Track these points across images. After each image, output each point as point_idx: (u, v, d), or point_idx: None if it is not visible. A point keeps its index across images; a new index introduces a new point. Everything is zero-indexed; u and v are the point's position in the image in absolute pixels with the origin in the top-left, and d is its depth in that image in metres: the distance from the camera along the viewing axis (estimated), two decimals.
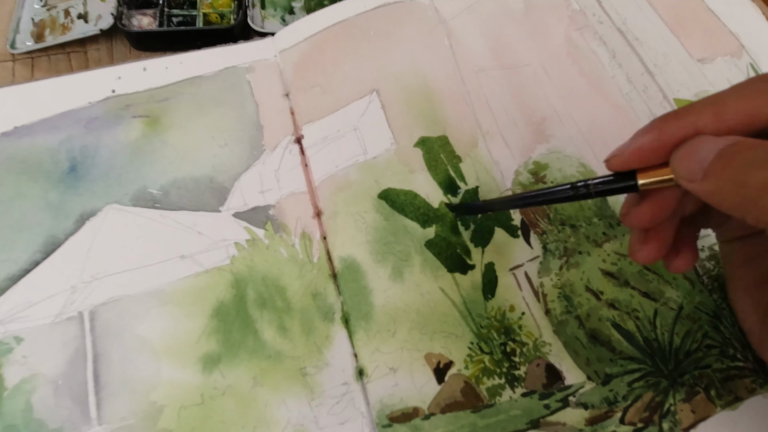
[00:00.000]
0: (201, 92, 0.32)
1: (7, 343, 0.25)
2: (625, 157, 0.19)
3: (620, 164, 0.19)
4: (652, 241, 0.21)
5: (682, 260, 0.21)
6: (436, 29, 0.34)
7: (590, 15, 0.36)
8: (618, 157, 0.19)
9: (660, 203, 0.20)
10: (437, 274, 0.27)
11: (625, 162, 0.19)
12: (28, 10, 0.35)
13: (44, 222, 0.28)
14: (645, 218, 0.20)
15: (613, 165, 0.20)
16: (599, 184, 0.20)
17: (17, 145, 0.30)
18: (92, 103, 0.31)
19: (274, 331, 0.26)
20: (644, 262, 0.21)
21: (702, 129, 0.18)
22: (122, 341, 0.25)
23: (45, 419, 0.24)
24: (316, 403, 0.25)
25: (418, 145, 0.30)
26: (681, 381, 0.25)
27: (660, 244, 0.21)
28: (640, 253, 0.21)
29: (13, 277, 0.26)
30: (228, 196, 0.29)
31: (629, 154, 0.19)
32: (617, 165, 0.20)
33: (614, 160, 0.20)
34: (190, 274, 0.27)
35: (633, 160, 0.19)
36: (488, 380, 0.25)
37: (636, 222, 0.20)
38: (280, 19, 0.38)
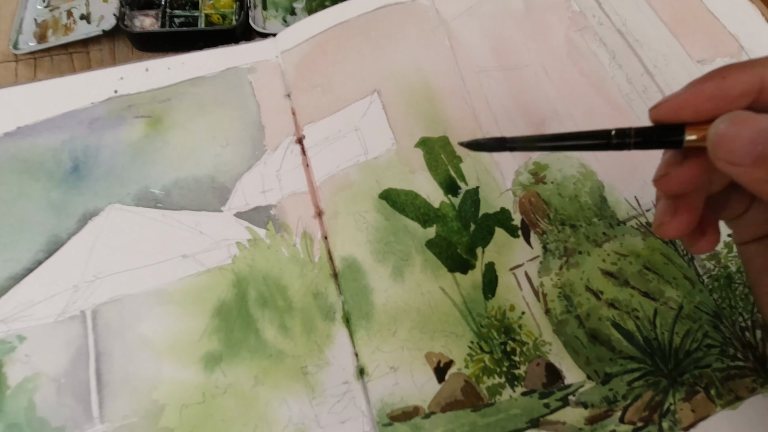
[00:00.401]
0: (203, 92, 0.33)
1: (9, 342, 0.25)
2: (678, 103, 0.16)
3: (669, 112, 0.17)
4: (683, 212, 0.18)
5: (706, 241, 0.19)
6: (437, 30, 0.35)
7: (590, 16, 0.37)
8: (668, 103, 0.17)
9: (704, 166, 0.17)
10: (438, 273, 0.27)
11: (677, 109, 0.16)
12: (31, 10, 0.36)
13: (47, 221, 0.28)
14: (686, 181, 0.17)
15: (661, 113, 0.17)
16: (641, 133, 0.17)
17: (20, 144, 0.30)
18: (95, 104, 0.32)
19: (276, 330, 0.26)
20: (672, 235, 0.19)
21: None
22: (124, 340, 0.26)
23: (47, 417, 0.24)
24: (317, 402, 0.25)
25: (418, 145, 0.31)
26: (681, 380, 0.25)
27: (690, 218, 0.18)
28: (669, 225, 0.19)
29: (15, 277, 0.27)
30: (229, 195, 0.30)
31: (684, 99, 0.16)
32: (665, 113, 0.17)
33: (663, 107, 0.17)
34: (192, 274, 0.27)
35: (687, 107, 0.16)
36: (488, 379, 0.25)
37: (675, 185, 0.18)
38: (281, 19, 0.38)
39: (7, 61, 0.34)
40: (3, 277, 0.26)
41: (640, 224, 0.29)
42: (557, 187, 0.30)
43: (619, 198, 0.30)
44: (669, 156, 0.19)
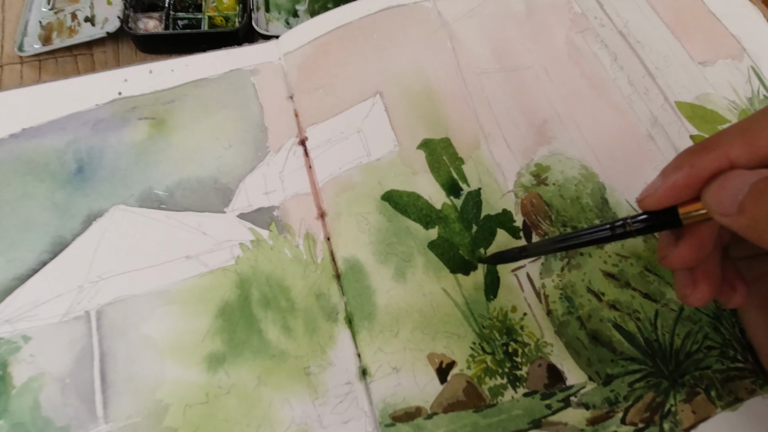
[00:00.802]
0: (206, 94, 0.33)
1: (15, 342, 0.25)
2: (660, 196, 0.19)
3: (655, 203, 0.19)
4: (702, 281, 0.20)
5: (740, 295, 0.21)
6: (439, 32, 0.35)
7: (592, 18, 0.37)
8: (652, 197, 0.19)
9: (699, 239, 0.19)
10: (440, 274, 0.27)
11: (661, 200, 0.19)
12: (36, 13, 0.36)
13: (51, 222, 0.28)
14: (687, 257, 0.19)
15: (648, 204, 0.19)
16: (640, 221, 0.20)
17: (25, 146, 0.30)
18: (99, 105, 0.32)
19: (278, 330, 0.26)
20: (699, 305, 0.20)
21: (735, 160, 0.17)
22: (128, 340, 0.26)
23: (52, 417, 0.24)
24: (320, 403, 0.25)
25: (421, 147, 0.31)
26: (681, 382, 0.25)
27: (710, 282, 0.20)
28: (693, 296, 0.20)
29: (20, 277, 0.27)
30: (232, 197, 0.30)
31: (663, 192, 0.18)
32: (652, 204, 0.19)
33: (648, 201, 0.19)
34: (195, 275, 0.27)
35: (668, 198, 0.18)
36: (490, 380, 0.25)
37: (679, 263, 0.19)
38: (284, 22, 0.38)
39: (12, 63, 0.35)
40: (8, 277, 0.27)
41: None
42: (559, 189, 0.30)
43: (620, 200, 0.30)
44: (663, 236, 0.21)
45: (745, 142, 0.17)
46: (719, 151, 0.17)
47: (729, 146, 0.17)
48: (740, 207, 0.16)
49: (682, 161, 0.18)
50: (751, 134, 0.17)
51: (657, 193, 0.19)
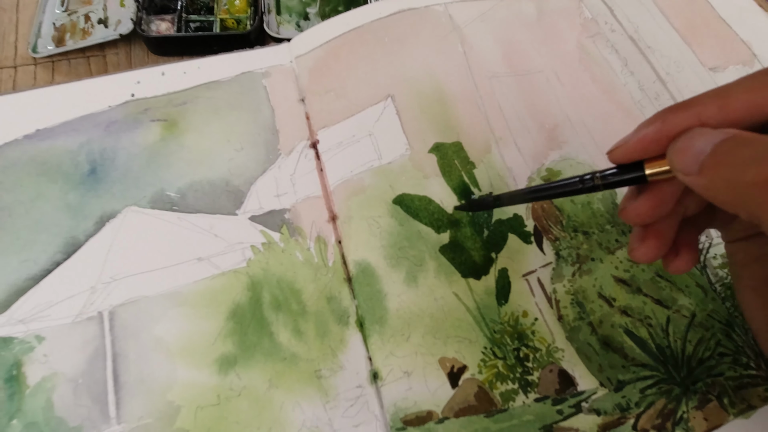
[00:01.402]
0: (218, 97, 0.33)
1: (28, 342, 0.25)
2: (628, 148, 0.19)
3: (623, 155, 0.19)
4: (651, 239, 0.20)
5: (681, 261, 0.21)
6: (450, 36, 0.35)
7: (602, 23, 0.37)
8: (621, 148, 0.19)
9: (659, 197, 0.19)
10: (451, 279, 0.27)
11: (629, 153, 0.19)
12: (50, 15, 0.36)
13: (64, 223, 0.28)
14: (643, 213, 0.19)
15: (616, 156, 0.19)
16: (607, 175, 0.20)
17: (39, 147, 0.30)
18: (112, 107, 0.32)
19: (289, 333, 0.26)
20: (641, 260, 0.21)
21: (706, 121, 0.17)
22: (140, 341, 0.26)
23: (65, 417, 0.24)
24: (331, 406, 0.25)
25: (432, 150, 0.31)
26: (694, 388, 0.25)
27: (658, 243, 0.20)
28: (638, 251, 0.21)
29: (34, 277, 0.27)
30: (244, 199, 0.30)
31: (633, 144, 0.19)
32: (620, 156, 0.19)
33: (617, 151, 0.19)
34: (207, 276, 0.28)
35: (636, 150, 0.19)
36: (501, 385, 0.25)
37: (633, 217, 0.20)
38: (295, 24, 0.38)
39: (26, 64, 0.35)
40: (21, 278, 0.27)
41: None
42: None
43: None
44: (628, 192, 0.21)
45: (719, 103, 0.17)
46: (693, 110, 0.18)
47: (703, 106, 0.18)
48: (701, 167, 0.16)
49: (656, 117, 0.18)
50: (726, 96, 0.17)
51: (626, 145, 0.19)
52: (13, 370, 0.25)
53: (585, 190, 0.21)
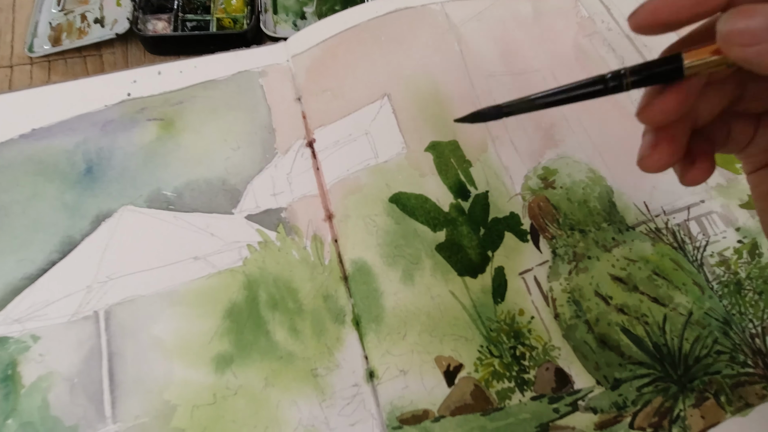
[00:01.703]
0: (214, 96, 0.33)
1: (24, 341, 0.25)
2: (654, 6, 0.16)
3: (648, 16, 0.16)
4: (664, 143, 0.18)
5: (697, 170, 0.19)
6: (447, 35, 0.35)
7: (599, 22, 0.37)
8: (645, 9, 0.16)
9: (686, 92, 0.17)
10: (447, 277, 0.27)
11: (654, 12, 0.16)
12: (46, 14, 0.36)
13: (61, 222, 0.28)
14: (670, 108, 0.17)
15: (639, 19, 0.16)
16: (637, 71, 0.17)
17: (35, 146, 0.30)
18: (108, 106, 0.32)
19: (286, 332, 0.26)
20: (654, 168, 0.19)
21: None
22: (136, 341, 0.26)
23: (61, 416, 0.24)
24: (327, 404, 0.25)
25: (428, 149, 0.31)
26: (691, 386, 0.25)
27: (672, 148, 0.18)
28: (650, 158, 0.18)
29: (30, 277, 0.27)
30: (240, 198, 0.30)
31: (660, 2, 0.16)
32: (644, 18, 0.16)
33: (641, 13, 0.16)
34: (203, 275, 0.28)
35: (664, 9, 0.16)
36: (498, 383, 0.25)
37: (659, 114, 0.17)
38: (291, 24, 0.38)
39: (22, 63, 0.35)
40: (18, 277, 0.27)
41: (649, 229, 0.29)
42: (566, 192, 0.30)
43: (627, 203, 0.30)
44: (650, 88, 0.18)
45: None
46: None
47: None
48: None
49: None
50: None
51: (652, 3, 0.16)
52: (9, 370, 0.25)
53: (608, 91, 0.18)
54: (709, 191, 0.30)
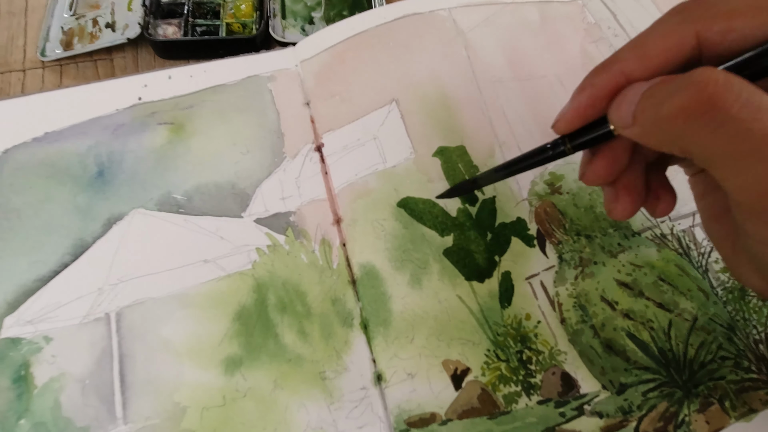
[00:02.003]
0: (224, 100, 0.33)
1: (36, 342, 0.26)
2: (568, 118, 0.19)
3: (565, 126, 0.20)
4: (623, 195, 0.20)
5: (664, 204, 0.21)
6: (454, 40, 0.35)
7: (605, 28, 0.37)
8: (561, 120, 0.19)
9: (612, 154, 0.20)
10: (455, 281, 0.28)
11: (569, 123, 0.19)
12: (58, 19, 0.37)
13: (73, 225, 0.29)
14: (602, 172, 0.20)
15: (560, 128, 0.20)
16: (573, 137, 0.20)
17: (48, 149, 0.31)
18: (119, 110, 0.32)
19: (294, 335, 0.27)
20: (621, 217, 0.21)
21: (630, 74, 0.18)
22: (147, 343, 0.26)
23: (73, 417, 0.24)
24: (335, 407, 0.25)
25: (436, 154, 0.31)
26: (695, 392, 0.25)
27: (632, 196, 0.20)
28: (615, 210, 0.21)
29: (42, 279, 0.27)
30: (250, 202, 0.30)
31: (571, 114, 0.19)
32: (563, 127, 0.20)
33: (559, 124, 0.20)
34: (213, 278, 0.28)
35: (576, 119, 0.19)
36: (505, 387, 0.25)
37: (594, 178, 0.20)
38: (300, 29, 0.38)
39: (34, 67, 0.35)
40: (30, 278, 0.27)
41: (654, 235, 0.29)
42: (573, 198, 0.30)
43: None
44: (583, 156, 0.22)
45: (638, 54, 0.18)
46: (615, 68, 0.18)
47: (624, 62, 0.18)
48: (633, 116, 0.17)
49: (584, 83, 0.19)
50: (643, 47, 0.18)
51: (565, 116, 0.19)
52: (22, 371, 0.25)
53: (555, 156, 0.21)
54: None
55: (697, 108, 0.15)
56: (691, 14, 0.17)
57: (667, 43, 0.17)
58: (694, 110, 0.15)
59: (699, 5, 0.18)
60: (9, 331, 0.26)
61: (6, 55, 0.36)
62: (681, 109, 0.16)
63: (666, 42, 0.17)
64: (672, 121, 0.16)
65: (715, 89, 0.15)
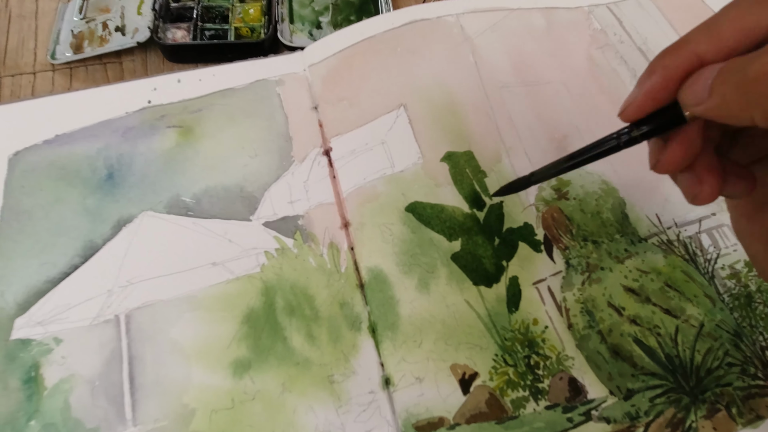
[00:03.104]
0: (232, 104, 0.33)
1: (46, 344, 0.26)
2: (638, 104, 0.19)
3: (635, 112, 0.19)
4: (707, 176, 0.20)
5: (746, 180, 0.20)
6: (462, 46, 0.35)
7: (611, 34, 0.37)
8: (632, 106, 0.19)
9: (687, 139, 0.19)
10: (462, 286, 0.28)
11: (640, 109, 0.19)
12: (68, 22, 0.37)
13: (82, 227, 0.29)
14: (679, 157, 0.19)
15: (629, 114, 0.19)
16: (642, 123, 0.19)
17: (58, 152, 0.31)
18: (129, 113, 0.33)
19: (303, 338, 0.27)
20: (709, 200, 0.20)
21: (703, 56, 0.17)
22: (156, 345, 0.26)
23: (82, 419, 0.24)
24: (343, 411, 0.25)
25: (444, 159, 0.31)
26: (702, 398, 0.25)
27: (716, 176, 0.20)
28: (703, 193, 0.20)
29: (53, 280, 0.27)
30: (258, 205, 0.30)
31: (642, 99, 0.18)
32: (632, 113, 0.19)
33: (629, 110, 0.19)
34: (221, 281, 0.28)
35: (647, 104, 0.18)
36: (512, 392, 0.25)
37: (670, 165, 0.19)
38: (307, 33, 0.39)
39: (44, 70, 0.36)
40: (41, 280, 0.27)
41: (661, 241, 0.30)
42: (579, 203, 0.30)
43: (640, 215, 0.30)
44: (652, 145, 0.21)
45: (711, 36, 0.17)
46: (687, 49, 0.18)
47: (696, 43, 0.18)
48: (710, 91, 0.17)
49: (654, 66, 0.18)
50: (716, 28, 0.17)
51: (636, 101, 0.19)
52: (32, 372, 0.25)
53: (623, 146, 0.20)
54: (720, 204, 0.31)
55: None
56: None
57: (741, 24, 0.17)
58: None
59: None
60: (19, 333, 0.26)
61: (16, 58, 0.36)
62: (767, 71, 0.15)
63: (741, 23, 0.17)
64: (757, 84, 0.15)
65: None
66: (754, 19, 0.17)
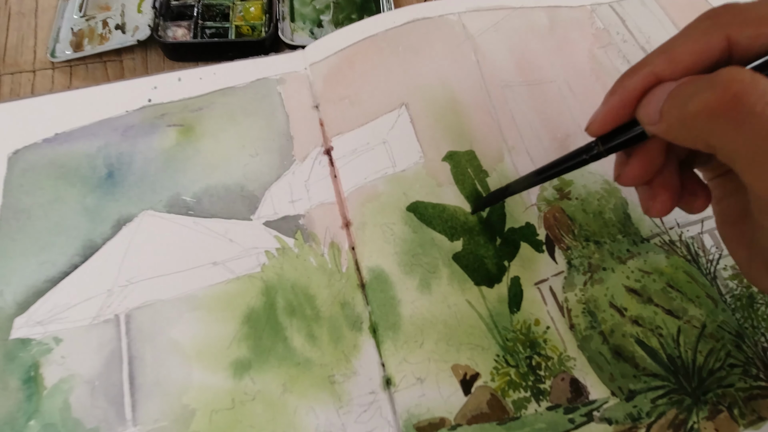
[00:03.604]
0: (233, 102, 0.33)
1: (46, 343, 0.26)
2: (601, 120, 0.20)
3: (598, 128, 0.20)
4: (661, 191, 0.21)
5: (701, 199, 0.22)
6: (464, 45, 0.35)
7: (614, 33, 0.37)
8: (595, 122, 0.20)
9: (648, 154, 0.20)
10: (464, 286, 0.28)
11: (602, 125, 0.20)
12: (68, 20, 0.37)
13: (82, 226, 0.29)
14: (639, 172, 0.20)
15: (593, 130, 0.21)
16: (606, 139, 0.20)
17: (57, 150, 0.31)
18: (129, 112, 0.32)
19: (303, 338, 0.27)
20: (660, 214, 0.21)
21: (660, 75, 0.18)
22: (156, 344, 0.26)
23: (82, 419, 0.24)
24: (344, 411, 0.25)
25: (446, 159, 0.31)
26: (704, 399, 0.25)
27: (670, 194, 0.21)
28: (654, 208, 0.21)
29: (52, 279, 0.27)
30: (259, 204, 0.30)
31: (604, 116, 0.20)
32: (596, 129, 0.20)
33: (592, 126, 0.20)
34: (222, 281, 0.28)
35: (609, 120, 0.20)
36: (514, 393, 0.25)
37: (630, 179, 0.21)
38: (308, 32, 0.39)
39: (44, 68, 0.35)
40: (40, 279, 0.27)
41: (663, 242, 0.29)
42: (581, 203, 0.30)
43: (642, 215, 0.30)
44: (617, 158, 0.22)
45: (667, 57, 0.18)
46: (645, 70, 0.19)
47: (653, 64, 0.19)
48: (660, 113, 0.18)
49: (615, 86, 0.20)
50: (672, 50, 0.18)
51: (598, 118, 0.20)
52: (31, 372, 0.25)
53: (590, 160, 0.21)
54: None
55: (722, 105, 0.16)
56: (721, 19, 0.18)
57: (696, 46, 0.18)
58: (720, 107, 0.16)
59: (729, 11, 0.18)
60: (19, 332, 0.26)
61: (16, 56, 0.36)
62: (706, 106, 0.16)
63: (695, 45, 0.18)
64: (697, 118, 0.16)
65: (740, 87, 0.15)
66: (708, 41, 0.18)
